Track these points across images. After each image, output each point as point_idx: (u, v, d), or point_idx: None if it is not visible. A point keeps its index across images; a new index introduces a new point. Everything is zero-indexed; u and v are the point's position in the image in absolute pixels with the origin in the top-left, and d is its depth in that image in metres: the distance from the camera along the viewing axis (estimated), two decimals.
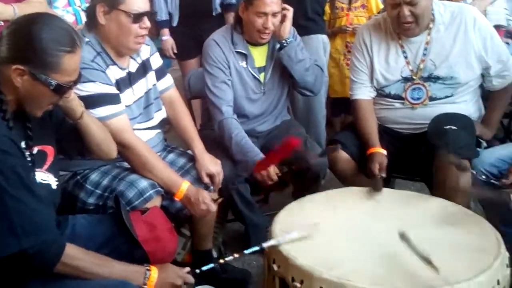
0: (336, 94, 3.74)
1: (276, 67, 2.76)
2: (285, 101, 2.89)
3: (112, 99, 2.12)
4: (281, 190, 2.88)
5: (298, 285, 1.67)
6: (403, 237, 1.72)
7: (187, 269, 1.83)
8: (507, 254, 1.77)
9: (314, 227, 1.87)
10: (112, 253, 1.71)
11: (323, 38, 3.27)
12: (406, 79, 2.61)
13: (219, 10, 3.72)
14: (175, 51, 3.82)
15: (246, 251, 1.91)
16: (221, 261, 1.91)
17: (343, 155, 2.59)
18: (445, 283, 1.57)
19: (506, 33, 3.94)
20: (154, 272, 1.72)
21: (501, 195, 2.15)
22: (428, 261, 1.62)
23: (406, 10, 2.44)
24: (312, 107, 3.30)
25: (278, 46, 2.71)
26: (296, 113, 3.10)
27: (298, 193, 2.57)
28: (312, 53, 3.11)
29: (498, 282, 1.68)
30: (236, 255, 1.91)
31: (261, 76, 2.75)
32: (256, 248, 1.88)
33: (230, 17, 3.59)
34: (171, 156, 2.44)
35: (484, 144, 2.67)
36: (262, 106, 2.78)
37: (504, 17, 4.00)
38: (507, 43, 3.47)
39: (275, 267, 1.80)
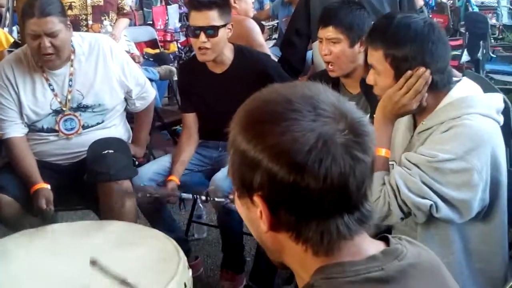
0: None
1: None
2: None
3: None
4: None
5: None
6: (94, 264, 1.75)
7: None
8: (185, 257, 1.98)
9: None
10: None
11: None
12: (56, 112, 2.62)
13: None
14: None
15: None
16: None
17: (5, 199, 2.43)
18: None
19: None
20: None
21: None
22: (124, 282, 1.70)
23: (46, 42, 2.43)
24: None
25: None
26: None
27: None
28: None
29: (185, 285, 1.87)
30: None
31: None
32: None
33: None
34: None
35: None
36: None
37: (126, 43, 4.36)
38: (145, 69, 3.79)
39: None
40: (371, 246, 0.91)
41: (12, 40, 3.77)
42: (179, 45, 6.04)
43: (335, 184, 0.83)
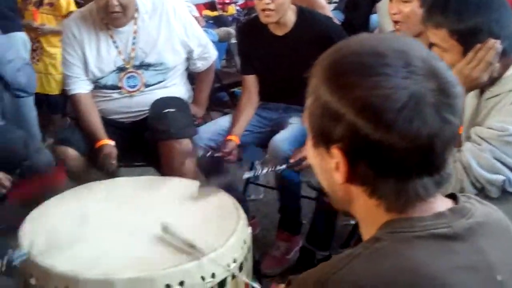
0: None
1: None
2: None
3: None
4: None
5: None
6: (166, 230, 1.78)
7: None
8: (244, 215, 1.99)
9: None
10: None
11: (21, 35, 3.08)
12: (120, 69, 2.66)
13: None
14: None
15: None
16: None
17: (71, 152, 2.52)
18: (202, 254, 1.69)
19: None
20: None
21: (231, 177, 2.36)
22: (193, 247, 1.71)
23: (114, 0, 2.48)
24: (21, 108, 3.11)
25: None
26: (5, 115, 2.88)
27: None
28: (13, 52, 2.92)
29: (245, 242, 1.88)
30: None
31: None
32: None
33: None
34: None
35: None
36: None
37: (185, 5, 4.33)
38: (205, 31, 3.78)
39: (33, 281, 1.70)
40: (440, 204, 0.89)
41: (73, 9, 3.80)
42: (237, 8, 6.00)
43: (422, 145, 0.81)
